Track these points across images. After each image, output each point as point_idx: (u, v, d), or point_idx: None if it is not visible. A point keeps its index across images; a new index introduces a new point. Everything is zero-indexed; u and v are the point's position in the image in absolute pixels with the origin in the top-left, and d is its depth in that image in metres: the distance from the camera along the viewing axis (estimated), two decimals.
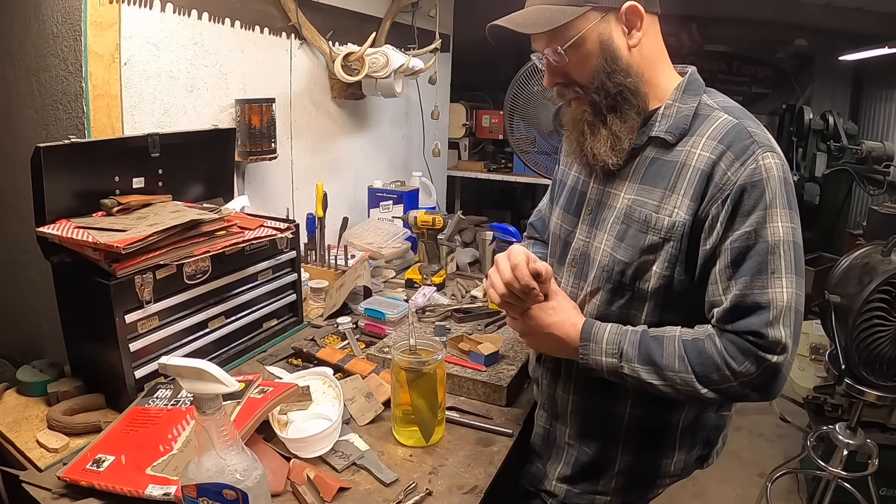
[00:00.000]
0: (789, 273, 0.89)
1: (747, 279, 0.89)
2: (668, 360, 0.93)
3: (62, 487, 0.98)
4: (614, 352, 0.97)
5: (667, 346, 0.94)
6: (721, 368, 0.90)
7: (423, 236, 2.04)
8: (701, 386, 0.92)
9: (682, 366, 0.92)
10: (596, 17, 0.94)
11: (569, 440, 1.13)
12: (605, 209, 1.05)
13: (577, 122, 1.04)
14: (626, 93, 0.97)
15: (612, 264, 1.01)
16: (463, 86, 3.74)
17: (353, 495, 1.01)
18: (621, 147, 0.99)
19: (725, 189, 0.90)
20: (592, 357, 0.99)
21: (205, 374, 0.78)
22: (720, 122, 0.95)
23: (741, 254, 0.90)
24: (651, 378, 0.94)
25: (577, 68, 0.98)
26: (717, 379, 0.91)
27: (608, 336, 0.98)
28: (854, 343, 1.74)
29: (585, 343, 0.99)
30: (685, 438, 1.09)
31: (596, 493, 1.11)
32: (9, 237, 1.65)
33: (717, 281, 0.92)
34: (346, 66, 2.09)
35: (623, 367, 0.96)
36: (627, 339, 0.97)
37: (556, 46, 0.96)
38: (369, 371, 1.35)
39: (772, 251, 0.89)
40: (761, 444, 2.96)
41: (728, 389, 0.91)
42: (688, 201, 0.94)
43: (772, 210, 0.89)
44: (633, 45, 0.97)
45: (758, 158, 0.90)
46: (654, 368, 0.94)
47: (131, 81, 1.50)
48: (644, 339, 0.96)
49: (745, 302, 0.89)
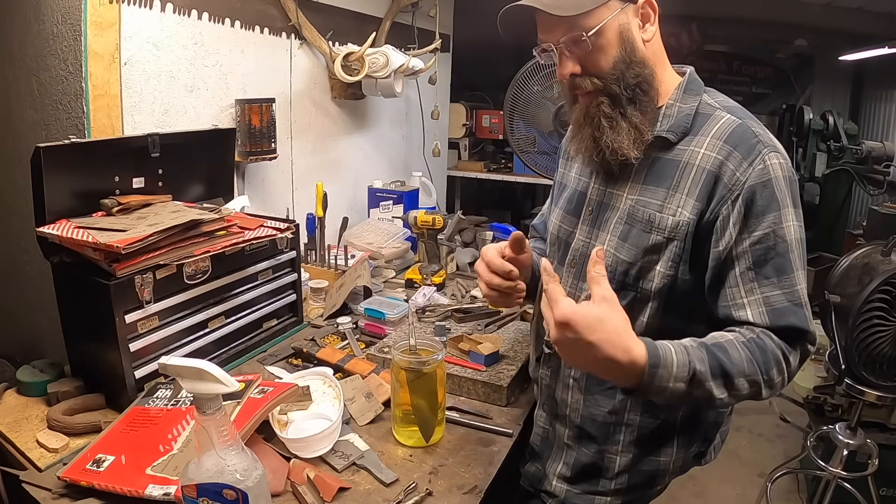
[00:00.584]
0: (802, 269, 0.93)
1: (775, 280, 0.91)
2: (739, 365, 0.86)
3: (62, 487, 0.97)
4: (685, 375, 0.83)
5: (732, 353, 0.87)
6: (781, 363, 0.90)
7: (423, 236, 2.04)
8: (764, 386, 0.89)
9: (752, 368, 0.87)
10: (617, 7, 0.94)
11: (568, 441, 1.13)
12: (607, 210, 1.05)
13: (590, 116, 1.00)
14: (644, 84, 0.97)
15: (616, 264, 1.01)
16: (463, 86, 3.74)
17: (353, 495, 1.01)
18: (643, 140, 0.97)
19: (735, 189, 0.91)
20: (657, 384, 0.82)
21: (205, 374, 0.78)
22: (724, 122, 0.95)
23: (762, 255, 0.91)
24: (721, 393, 0.86)
25: (598, 58, 0.96)
26: (775, 374, 0.90)
27: (677, 358, 0.83)
28: (854, 343, 1.74)
29: (655, 369, 0.81)
30: (683, 436, 1.09)
31: (596, 493, 1.11)
32: (9, 237, 1.65)
33: (738, 284, 0.92)
34: (346, 66, 2.09)
35: (693, 392, 0.84)
36: (695, 357, 0.85)
37: (579, 34, 0.94)
38: (369, 371, 1.35)
39: (791, 250, 0.91)
40: (761, 444, 2.95)
41: (779, 384, 0.91)
42: (693, 201, 0.94)
43: (785, 210, 0.91)
44: (646, 39, 0.97)
45: (765, 158, 0.91)
46: (724, 381, 0.86)
47: (131, 81, 1.50)
48: (710, 352, 0.86)
49: (780, 302, 0.91)
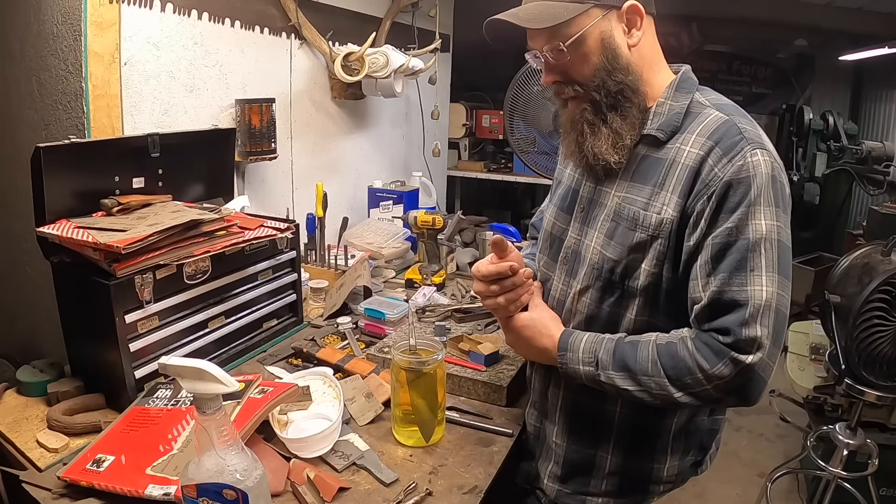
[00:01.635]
0: (770, 272, 0.86)
1: (725, 276, 0.87)
2: (642, 364, 0.93)
3: (62, 487, 0.97)
4: (590, 360, 0.98)
5: (640, 351, 0.94)
6: (693, 371, 0.88)
7: (423, 236, 2.04)
8: (675, 390, 0.91)
9: (654, 370, 0.92)
10: (598, 15, 0.94)
11: (556, 438, 1.12)
12: (597, 207, 1.05)
13: (575, 122, 1.02)
14: (627, 91, 0.96)
15: (602, 262, 1.01)
16: (463, 86, 3.74)
17: (353, 495, 1.01)
18: (623, 144, 0.98)
19: (711, 185, 0.89)
20: (570, 366, 1.00)
21: (205, 374, 0.78)
22: (710, 119, 0.94)
23: (721, 250, 0.88)
24: (626, 384, 0.94)
25: (578, 66, 0.97)
26: (690, 382, 0.89)
27: (584, 345, 1.00)
28: (854, 343, 1.74)
29: (563, 353, 1.01)
30: (678, 442, 1.08)
31: (587, 493, 1.10)
32: (9, 237, 1.65)
33: (696, 277, 0.91)
34: (346, 66, 2.09)
35: (599, 375, 0.97)
36: (603, 347, 0.97)
37: (557, 43, 0.94)
38: (369, 371, 1.35)
39: (752, 248, 0.87)
40: (761, 444, 2.95)
41: (703, 393, 0.89)
42: (676, 198, 0.93)
43: (755, 207, 0.87)
44: (632, 44, 0.96)
45: (746, 155, 0.88)
46: (628, 374, 0.94)
47: (131, 81, 1.50)
48: (619, 346, 0.96)
49: (722, 299, 0.87)
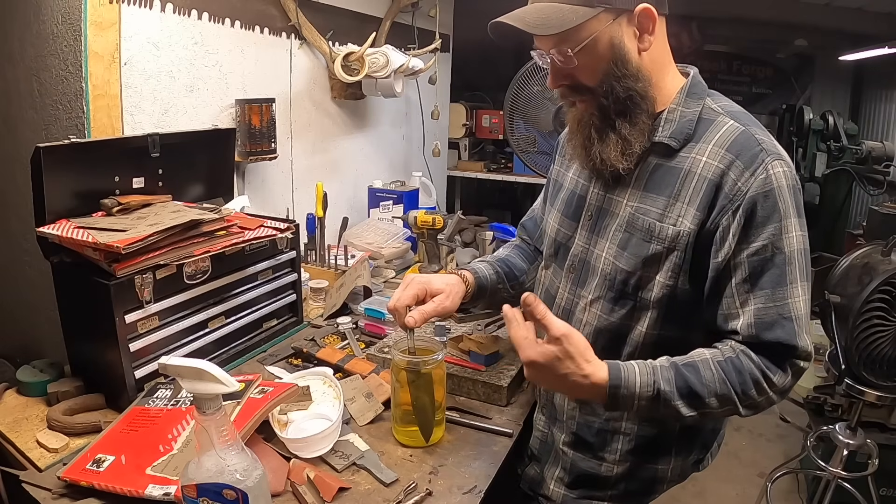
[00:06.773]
0: (803, 281, 0.90)
1: (769, 292, 0.89)
2: (710, 385, 0.89)
3: (62, 487, 0.97)
4: (649, 395, 0.88)
5: (704, 373, 0.89)
6: (760, 382, 0.89)
7: (423, 236, 2.04)
8: (741, 406, 0.90)
9: (724, 388, 0.89)
10: (608, 19, 0.90)
11: (564, 446, 1.12)
12: (607, 216, 1.03)
13: (582, 124, 1.00)
14: (636, 97, 0.94)
15: (615, 273, 0.99)
16: (463, 86, 3.74)
17: (353, 495, 1.01)
18: (632, 151, 0.96)
19: (736, 200, 0.89)
20: (622, 403, 0.90)
21: (205, 374, 0.78)
22: (727, 129, 0.93)
23: (759, 267, 0.89)
24: (689, 412, 0.90)
25: (586, 71, 0.94)
26: (755, 394, 0.89)
27: (640, 378, 0.89)
28: (854, 343, 1.74)
29: (616, 390, 0.88)
30: (682, 444, 1.08)
31: (593, 498, 1.10)
32: (9, 237, 1.65)
33: (733, 295, 0.91)
34: (346, 66, 2.09)
35: (660, 409, 0.90)
36: (661, 377, 0.89)
37: (565, 48, 0.91)
38: (369, 371, 1.35)
39: (789, 262, 0.89)
40: (761, 444, 2.95)
41: (763, 402, 0.91)
42: (693, 210, 0.92)
43: (786, 221, 0.88)
44: (643, 48, 0.93)
45: (768, 168, 0.88)
46: (693, 401, 0.89)
47: (131, 81, 1.50)
48: (679, 373, 0.90)
49: (770, 315, 0.89)
